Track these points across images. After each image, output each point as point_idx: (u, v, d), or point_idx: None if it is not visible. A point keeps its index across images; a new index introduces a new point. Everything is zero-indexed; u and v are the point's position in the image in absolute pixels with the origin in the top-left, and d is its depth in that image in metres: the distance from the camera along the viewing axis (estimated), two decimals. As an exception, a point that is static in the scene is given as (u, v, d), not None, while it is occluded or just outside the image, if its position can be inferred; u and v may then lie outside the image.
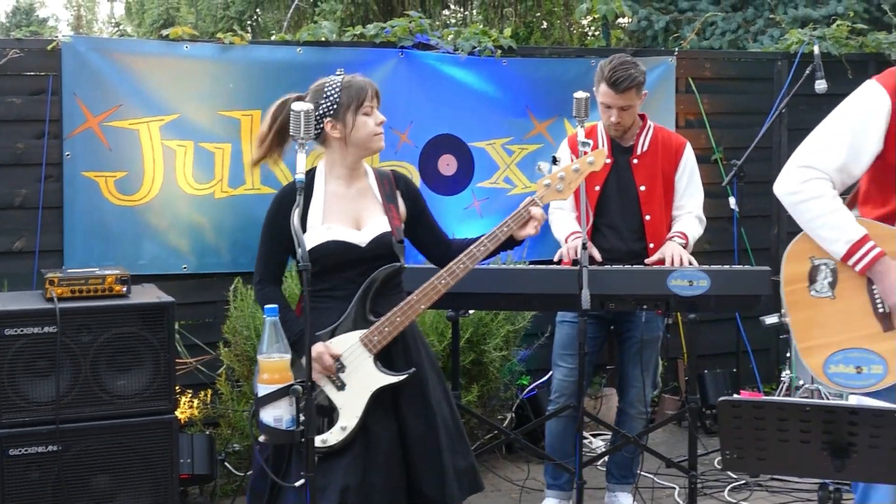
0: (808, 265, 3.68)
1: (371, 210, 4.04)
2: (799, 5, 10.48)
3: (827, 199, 3.61)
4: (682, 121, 7.60)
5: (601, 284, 4.82)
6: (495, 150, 7.04)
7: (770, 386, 7.36)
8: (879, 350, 3.58)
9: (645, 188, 5.36)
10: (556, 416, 5.44)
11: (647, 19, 11.04)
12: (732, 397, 3.07)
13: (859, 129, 3.60)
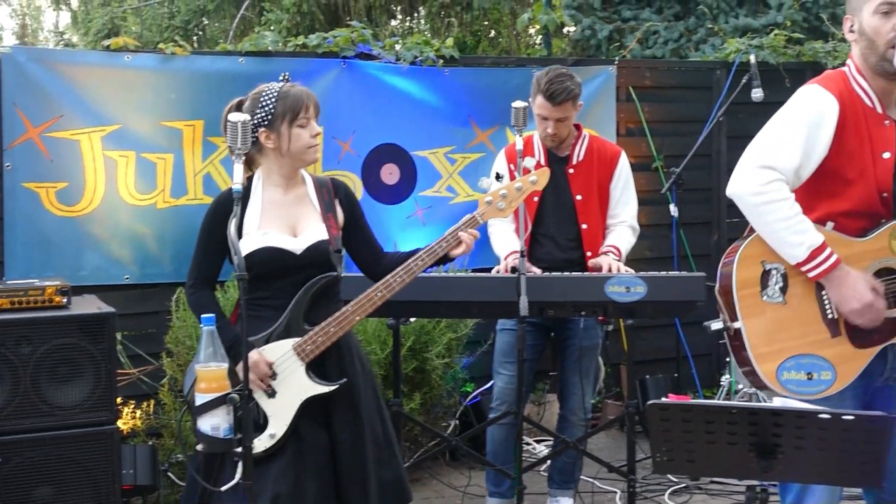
0: (760, 269, 3.65)
1: (308, 217, 4.05)
2: (740, 15, 10.60)
3: (790, 202, 3.58)
4: (622, 129, 7.68)
5: (540, 291, 4.87)
6: (438, 159, 7.09)
7: (711, 390, 7.44)
8: (828, 356, 3.60)
9: (581, 198, 5.42)
10: (498, 423, 5.47)
11: (590, 28, 11.10)
12: (661, 401, 3.13)
13: (812, 133, 3.60)
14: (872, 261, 3.59)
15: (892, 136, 3.61)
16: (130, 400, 6.15)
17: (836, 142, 3.60)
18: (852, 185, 3.59)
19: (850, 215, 3.63)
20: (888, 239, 3.57)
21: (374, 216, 6.69)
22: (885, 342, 3.59)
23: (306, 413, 3.90)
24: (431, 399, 6.46)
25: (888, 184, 3.56)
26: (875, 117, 3.62)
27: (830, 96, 3.61)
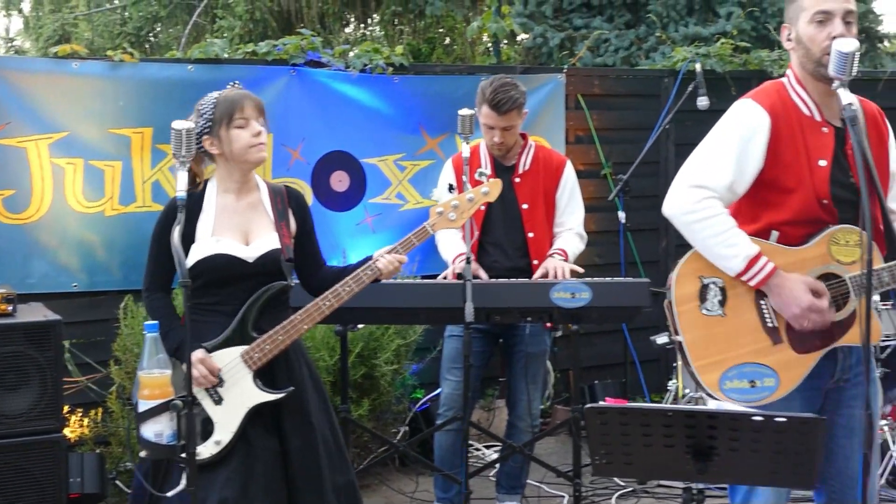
0: (698, 284, 3.74)
1: (261, 225, 4.07)
2: (689, 23, 10.72)
3: (722, 217, 3.67)
4: (571, 136, 7.74)
5: (486, 298, 4.92)
6: (387, 167, 7.12)
7: (660, 395, 7.51)
8: (770, 363, 3.67)
9: (527, 206, 5.47)
10: (445, 429, 5.51)
11: (542, 36, 11.19)
12: (598, 405, 3.17)
13: (744, 148, 3.68)
14: (812, 267, 3.66)
15: (829, 143, 3.67)
16: (78, 408, 6.14)
17: (771, 154, 3.67)
18: (792, 194, 3.66)
19: (793, 224, 3.69)
20: (827, 245, 3.64)
21: (324, 223, 6.72)
22: (826, 347, 3.65)
23: (256, 420, 3.92)
24: (380, 405, 6.48)
25: (826, 191, 3.63)
26: (812, 125, 3.69)
27: (761, 110, 3.69)
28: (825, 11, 3.60)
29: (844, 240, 3.63)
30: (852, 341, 3.64)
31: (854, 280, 3.62)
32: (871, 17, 11.89)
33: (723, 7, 10.67)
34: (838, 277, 3.65)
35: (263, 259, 3.99)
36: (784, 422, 3.03)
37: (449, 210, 4.18)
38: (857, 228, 3.61)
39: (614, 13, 11.32)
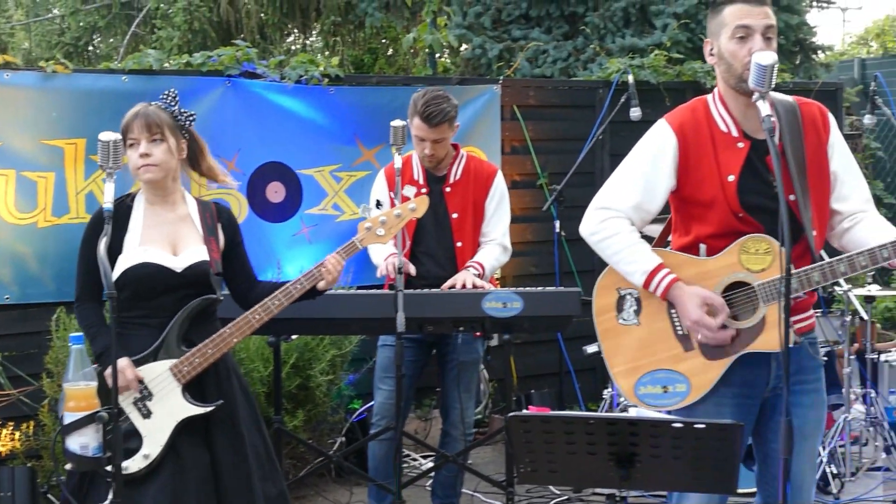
0: (616, 296, 3.89)
1: (190, 238, 4.08)
2: (626, 35, 10.80)
3: (623, 235, 3.80)
4: (507, 147, 7.79)
5: (418, 308, 4.95)
6: (324, 177, 7.13)
7: (595, 404, 7.57)
8: (682, 370, 3.78)
9: (457, 216, 5.50)
10: (379, 439, 5.51)
11: (481, 47, 11.22)
12: (521, 413, 3.21)
13: (650, 170, 3.79)
14: (723, 276, 3.73)
15: (741, 158, 3.73)
16: (10, 421, 6.09)
17: (682, 172, 3.77)
18: (710, 209, 3.75)
19: (716, 237, 3.77)
20: (737, 254, 3.71)
21: (260, 234, 6.72)
22: (735, 354, 3.71)
23: (186, 433, 3.92)
24: (316, 416, 6.48)
25: (738, 205, 3.70)
26: (727, 141, 3.75)
27: (669, 130, 3.78)
28: (745, 27, 3.67)
29: (754, 248, 3.70)
30: (760, 347, 3.70)
31: (762, 288, 3.69)
32: (804, 29, 12.01)
33: (659, 19, 10.76)
34: (749, 285, 3.71)
35: (191, 270, 4.00)
36: (703, 428, 3.08)
37: (377, 226, 4.23)
38: (767, 237, 3.67)
39: (552, 25, 11.37)
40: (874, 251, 3.58)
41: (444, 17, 10.40)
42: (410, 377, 5.47)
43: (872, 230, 3.75)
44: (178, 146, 4.09)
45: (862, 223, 3.81)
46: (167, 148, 4.02)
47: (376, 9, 12.44)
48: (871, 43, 26.44)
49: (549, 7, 11.25)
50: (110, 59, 12.48)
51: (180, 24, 13.05)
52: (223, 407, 3.98)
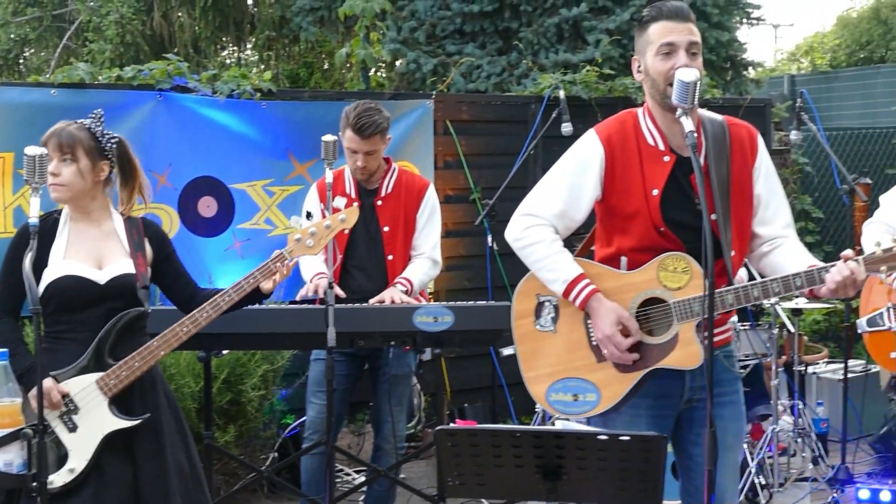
0: (535, 302, 3.93)
1: (115, 252, 4.06)
2: (559, 50, 10.90)
3: (546, 243, 3.84)
4: (440, 162, 7.82)
5: (350, 322, 4.97)
6: (256, 192, 7.11)
7: (528, 417, 7.60)
8: (593, 379, 3.82)
9: (388, 229, 5.52)
10: (311, 453, 5.51)
11: (415, 62, 11.28)
12: (448, 426, 3.23)
13: (576, 179, 3.82)
14: (640, 291, 3.78)
15: (665, 172, 3.78)
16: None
17: (608, 182, 3.81)
18: (633, 221, 3.79)
19: (637, 250, 3.81)
20: (656, 271, 3.75)
21: (191, 249, 6.69)
22: (646, 368, 3.76)
23: (110, 447, 3.90)
24: (248, 431, 6.46)
25: (660, 219, 3.74)
26: (653, 155, 3.80)
27: (597, 140, 3.82)
28: (670, 44, 3.71)
29: (673, 266, 3.74)
30: (672, 364, 3.75)
31: (678, 306, 3.74)
32: (735, 46, 12.19)
33: (591, 35, 10.86)
34: (664, 302, 3.76)
35: (116, 282, 3.98)
36: (627, 440, 3.12)
37: (307, 237, 4.23)
38: (686, 256, 3.72)
39: (486, 40, 11.45)
40: (788, 279, 3.64)
41: (379, 32, 10.42)
42: (343, 391, 5.47)
43: (790, 256, 3.82)
44: (94, 168, 4.03)
45: (780, 248, 3.88)
46: (77, 169, 3.97)
47: (311, 23, 12.45)
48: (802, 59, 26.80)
49: (484, 22, 11.33)
50: (41, 72, 12.38)
51: (112, 37, 12.97)
52: (148, 421, 3.96)
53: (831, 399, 7.77)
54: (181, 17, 13.50)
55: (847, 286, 3.55)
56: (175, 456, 4.04)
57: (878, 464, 7.22)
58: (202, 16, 13.32)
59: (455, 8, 11.28)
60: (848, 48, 24.31)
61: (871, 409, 7.63)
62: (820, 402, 7.73)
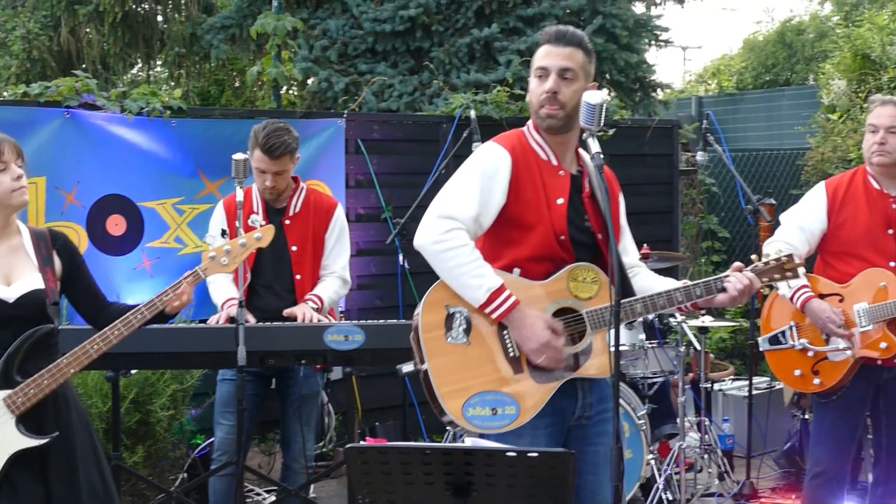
0: (444, 313, 3.81)
1: (23, 268, 4.02)
2: (471, 70, 10.97)
3: (469, 248, 3.75)
4: (352, 181, 7.83)
5: (260, 341, 4.97)
6: (166, 210, 7.05)
7: (439, 436, 7.62)
8: (511, 392, 3.79)
9: (296, 248, 5.53)
10: (220, 474, 5.47)
11: (327, 80, 11.27)
12: (358, 444, 3.23)
13: (487, 184, 3.81)
14: (551, 302, 3.82)
15: (566, 185, 3.87)
16: None
17: (513, 191, 3.83)
18: (532, 230, 3.83)
19: (534, 260, 3.85)
20: (566, 281, 3.80)
21: (99, 268, 6.61)
22: (564, 378, 3.81)
23: (21, 466, 3.86)
24: (156, 452, 6.40)
25: (564, 228, 3.81)
26: (549, 169, 3.89)
27: (503, 150, 3.86)
28: (543, 68, 3.83)
29: (582, 277, 3.81)
30: (588, 373, 3.81)
31: (591, 315, 3.79)
32: (644, 67, 12.35)
33: (503, 55, 10.96)
34: (576, 312, 3.81)
35: (25, 299, 3.95)
36: (536, 457, 3.15)
37: (221, 255, 4.23)
38: (594, 267, 3.82)
39: (398, 59, 11.49)
40: (689, 288, 3.80)
41: (290, 50, 10.42)
42: (251, 411, 5.47)
43: (655, 279, 4.05)
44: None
45: (641, 274, 4.10)
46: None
47: (222, 41, 12.38)
48: (709, 82, 27.24)
49: (395, 42, 11.36)
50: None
51: (18, 53, 12.79)
52: (60, 439, 3.92)
53: (737, 415, 7.91)
54: (89, 33, 13.34)
55: (745, 294, 3.81)
56: (88, 475, 4.01)
57: (782, 479, 7.36)
58: (111, 32, 13.18)
59: (367, 27, 11.31)
60: (754, 71, 24.78)
61: (775, 425, 7.78)
62: (726, 419, 7.86)
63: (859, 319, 5.02)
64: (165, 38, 13.91)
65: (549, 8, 11.25)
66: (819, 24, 24.15)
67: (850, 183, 5.23)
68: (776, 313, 5.33)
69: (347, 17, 11.67)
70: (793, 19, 25.64)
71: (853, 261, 5.10)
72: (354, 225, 5.79)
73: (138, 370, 6.02)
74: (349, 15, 11.66)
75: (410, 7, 11.07)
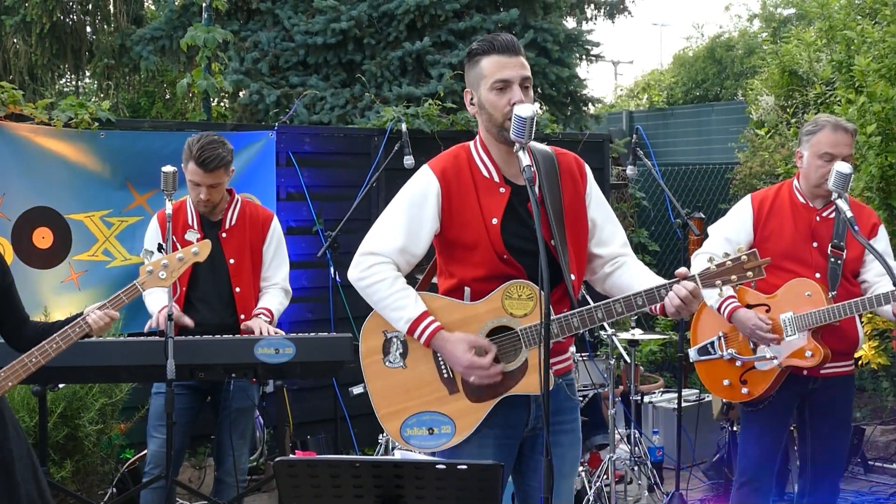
0: (382, 338, 3.92)
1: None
2: (403, 84, 11.01)
3: (388, 281, 3.83)
4: (283, 194, 7.80)
5: (190, 354, 4.94)
6: (93, 223, 6.98)
7: (371, 448, 7.60)
8: (447, 411, 3.85)
9: (234, 261, 5.50)
10: (151, 487, 5.41)
11: (258, 93, 11.25)
12: (287, 457, 3.22)
13: (415, 213, 3.83)
14: (486, 321, 3.83)
15: (503, 202, 3.87)
16: None
17: (446, 215, 3.85)
18: (475, 251, 3.84)
19: (481, 280, 3.86)
20: (500, 300, 3.82)
21: (26, 281, 6.53)
22: (499, 396, 3.82)
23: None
24: (85, 466, 6.33)
25: (502, 247, 3.81)
26: (489, 186, 3.88)
27: (432, 175, 3.86)
28: (504, 80, 3.80)
29: (517, 294, 3.81)
30: (524, 390, 3.81)
31: (525, 332, 3.81)
32: (576, 82, 12.46)
33: (434, 69, 11.01)
34: (512, 329, 3.83)
35: None
36: (465, 469, 3.15)
37: (159, 269, 4.23)
38: (529, 283, 3.80)
39: (330, 72, 11.50)
40: (629, 298, 3.76)
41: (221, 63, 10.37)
42: (184, 424, 5.43)
43: (634, 276, 3.95)
44: None
45: (623, 268, 4.00)
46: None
47: (151, 52, 12.32)
48: (640, 96, 27.51)
49: (327, 55, 11.37)
50: None
51: (-59, 64, 12.65)
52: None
53: (666, 427, 7.97)
54: (17, 43, 13.21)
55: (689, 304, 3.69)
56: (27, 491, 3.97)
57: (711, 490, 7.43)
58: (38, 43, 13.06)
59: (298, 40, 11.30)
60: (684, 86, 25.07)
61: (704, 437, 7.84)
62: (656, 431, 7.92)
63: (786, 328, 5.08)
64: (94, 50, 13.80)
65: (481, 22, 11.32)
66: (748, 40, 24.50)
67: (777, 196, 5.30)
68: (705, 324, 5.39)
69: (279, 30, 11.67)
70: (722, 35, 25.99)
71: (779, 272, 5.16)
72: (286, 238, 5.76)
73: (66, 384, 5.95)
74: (281, 27, 11.65)
75: (342, 20, 11.09)
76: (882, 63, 7.72)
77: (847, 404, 5.36)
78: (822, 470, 5.26)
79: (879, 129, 7.59)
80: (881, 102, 7.55)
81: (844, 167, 4.71)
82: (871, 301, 4.93)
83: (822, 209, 5.17)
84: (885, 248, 5.17)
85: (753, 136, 11.65)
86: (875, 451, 8.14)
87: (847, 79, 8.47)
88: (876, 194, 7.76)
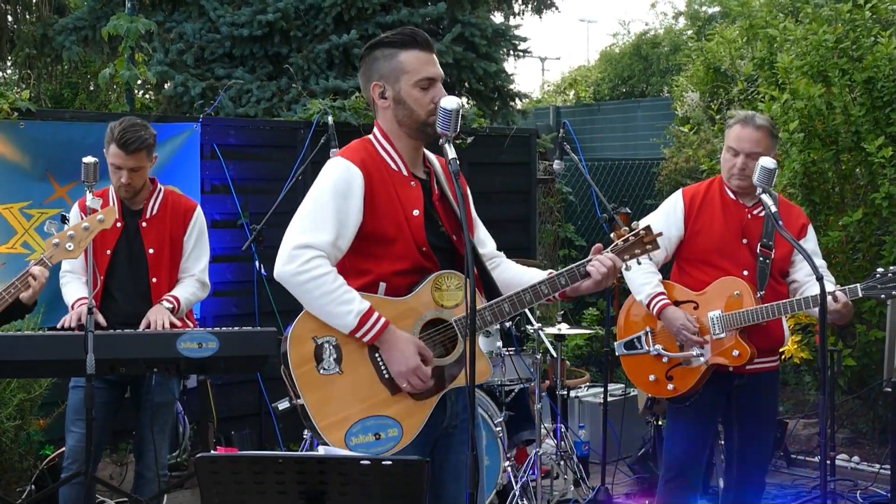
0: (313, 345, 3.72)
1: None
2: (330, 77, 10.94)
3: (332, 275, 3.67)
4: (207, 186, 7.71)
5: (111, 349, 4.84)
6: (12, 215, 6.86)
7: (296, 444, 7.55)
8: (392, 413, 3.73)
9: (153, 251, 5.42)
10: (70, 483, 5.32)
11: (183, 85, 11.12)
12: (208, 453, 3.17)
13: (341, 205, 3.72)
14: (420, 315, 3.78)
15: (419, 195, 3.85)
16: None
17: (368, 207, 3.77)
18: (394, 244, 3.78)
19: (400, 274, 3.80)
20: (430, 292, 3.78)
21: (-59, 274, 6.40)
22: (441, 391, 3.79)
23: None
24: (2, 464, 6.21)
25: (423, 238, 3.78)
26: (401, 179, 3.85)
27: (353, 166, 3.77)
28: (429, 78, 3.78)
29: (446, 285, 3.79)
30: (461, 384, 3.76)
31: (460, 322, 3.78)
32: (502, 77, 12.45)
33: (361, 62, 10.94)
34: (446, 322, 3.80)
35: None
36: (390, 465, 3.12)
37: (65, 240, 4.14)
38: (457, 273, 3.80)
39: (256, 64, 11.40)
40: (553, 279, 3.82)
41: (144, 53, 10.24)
42: (104, 419, 5.35)
43: (520, 272, 4.06)
44: None
45: (504, 265, 4.12)
46: None
47: (74, 42, 12.12)
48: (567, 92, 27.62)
49: (253, 47, 11.27)
50: None
51: None
52: None
53: (592, 422, 8.01)
54: (-65, 32, 12.96)
55: (609, 276, 3.83)
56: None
57: (637, 485, 7.47)
58: (-42, 32, 12.83)
59: (224, 31, 11.18)
60: (611, 82, 25.25)
61: (629, 432, 7.89)
62: (582, 426, 7.95)
63: (713, 327, 5.10)
64: (15, 39, 13.55)
65: (409, 15, 11.28)
66: (674, 37, 24.70)
67: (707, 192, 5.32)
68: (632, 319, 5.40)
69: (204, 21, 11.53)
70: (648, 32, 26.19)
71: (708, 269, 5.19)
72: (210, 231, 5.68)
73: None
74: (206, 19, 11.52)
75: (269, 12, 11.00)
76: (804, 60, 7.81)
77: (772, 400, 5.41)
78: (749, 465, 5.29)
79: (802, 126, 7.67)
80: (804, 99, 7.63)
81: (769, 162, 4.76)
82: (800, 303, 4.96)
83: (753, 207, 5.20)
84: (813, 249, 5.21)
85: (678, 133, 11.74)
86: (797, 445, 8.24)
87: (769, 76, 8.56)
88: (799, 190, 7.85)
